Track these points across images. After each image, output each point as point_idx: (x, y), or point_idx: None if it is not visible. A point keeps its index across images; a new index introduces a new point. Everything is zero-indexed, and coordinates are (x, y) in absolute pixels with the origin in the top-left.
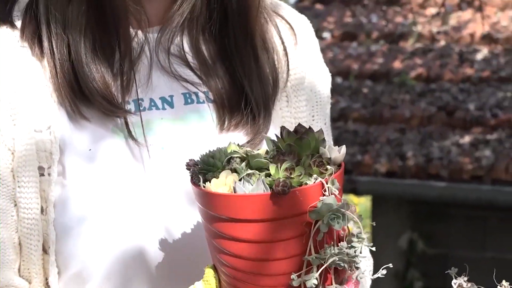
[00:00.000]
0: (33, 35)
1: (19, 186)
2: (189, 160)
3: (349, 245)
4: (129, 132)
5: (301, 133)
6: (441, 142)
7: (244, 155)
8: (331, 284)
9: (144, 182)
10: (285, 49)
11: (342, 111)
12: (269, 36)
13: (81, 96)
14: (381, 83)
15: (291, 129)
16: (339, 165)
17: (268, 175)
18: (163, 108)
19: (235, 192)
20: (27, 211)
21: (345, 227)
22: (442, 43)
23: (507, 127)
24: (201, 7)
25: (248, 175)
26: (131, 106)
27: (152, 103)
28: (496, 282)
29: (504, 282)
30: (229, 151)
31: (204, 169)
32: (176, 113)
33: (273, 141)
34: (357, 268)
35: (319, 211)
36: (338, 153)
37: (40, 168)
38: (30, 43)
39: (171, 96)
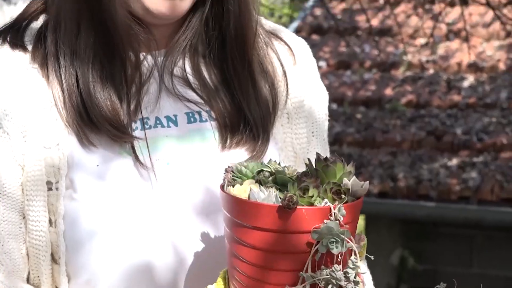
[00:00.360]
0: (43, 61)
1: (27, 200)
2: (228, 166)
3: (343, 270)
4: (136, 157)
5: (330, 161)
6: (430, 165)
7: (273, 170)
8: None
9: (151, 198)
10: (284, 71)
11: (337, 136)
12: (268, 59)
13: (89, 123)
14: (373, 109)
15: (289, 145)
16: (358, 198)
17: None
18: (168, 126)
19: (249, 198)
20: (35, 224)
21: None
22: (431, 71)
23: (492, 151)
24: (202, 34)
25: (267, 187)
26: (137, 125)
27: (158, 121)
28: None
29: None
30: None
31: (236, 176)
32: (180, 131)
33: (307, 164)
34: None
35: (320, 233)
36: (360, 187)
37: (48, 183)
38: (40, 67)
39: (175, 115)
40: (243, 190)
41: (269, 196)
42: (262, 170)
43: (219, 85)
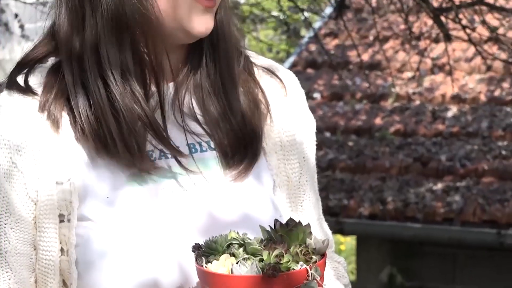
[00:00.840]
0: (55, 100)
1: (39, 231)
2: (195, 243)
3: None
4: (143, 185)
5: (291, 225)
6: (416, 189)
7: (242, 242)
8: None
9: (157, 222)
10: (268, 102)
11: (330, 162)
12: (260, 92)
13: (103, 151)
14: (364, 137)
15: (283, 171)
16: (323, 255)
17: (261, 260)
18: (170, 157)
19: (232, 273)
20: (45, 253)
21: None
22: (417, 102)
23: (474, 176)
24: (202, 73)
25: (244, 259)
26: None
27: (162, 153)
28: None
29: None
30: (229, 237)
31: (207, 252)
32: (183, 161)
33: (267, 231)
34: None
35: None
36: (322, 244)
37: (61, 215)
38: (52, 107)
39: (178, 147)
40: (222, 265)
41: (251, 268)
42: (231, 243)
43: (218, 117)
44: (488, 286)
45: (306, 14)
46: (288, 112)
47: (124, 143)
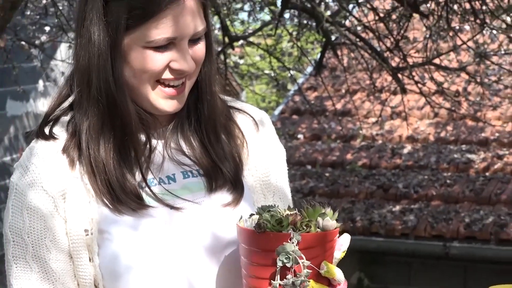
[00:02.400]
0: (74, 147)
1: (72, 243)
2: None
3: (290, 281)
4: (153, 211)
5: (311, 205)
6: (379, 210)
7: (274, 213)
8: None
9: (167, 239)
10: (247, 136)
11: (311, 189)
12: (235, 129)
13: (116, 199)
14: (338, 169)
15: (259, 191)
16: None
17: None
18: (168, 183)
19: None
20: (79, 260)
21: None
22: (380, 141)
23: (425, 200)
24: (188, 117)
25: (259, 218)
26: (145, 184)
27: (160, 180)
28: None
29: None
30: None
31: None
32: (178, 185)
33: (301, 208)
34: None
35: (278, 250)
36: (327, 223)
37: (85, 230)
38: (71, 152)
39: (174, 174)
40: (251, 221)
41: (251, 224)
42: (269, 210)
43: (202, 149)
44: (434, 286)
45: (292, 72)
46: (261, 145)
47: (129, 182)
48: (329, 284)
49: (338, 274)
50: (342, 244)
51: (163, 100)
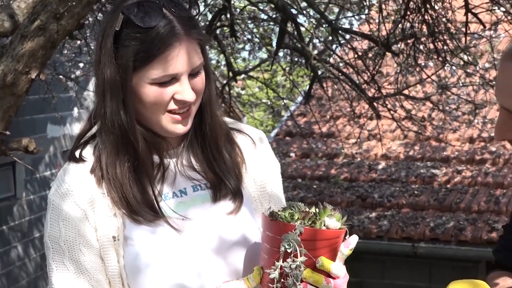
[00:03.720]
0: (99, 168)
1: (102, 248)
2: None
3: (289, 264)
4: (168, 220)
5: (322, 207)
6: (358, 216)
7: (295, 205)
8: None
9: (180, 243)
10: (245, 153)
11: (301, 199)
12: (236, 147)
13: (134, 212)
14: (323, 182)
15: (258, 199)
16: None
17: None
18: (181, 196)
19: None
20: (109, 262)
21: (298, 253)
22: (359, 159)
23: (396, 208)
24: (195, 138)
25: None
26: (161, 198)
27: (173, 194)
28: None
29: None
30: (296, 204)
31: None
32: (189, 198)
33: (316, 207)
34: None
35: (282, 237)
36: (332, 224)
37: (114, 237)
38: (97, 173)
39: (185, 188)
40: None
41: (272, 214)
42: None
43: (207, 165)
44: (405, 281)
45: (285, 101)
46: (258, 159)
47: (139, 210)
48: (329, 276)
49: (335, 269)
50: (350, 243)
51: (172, 125)
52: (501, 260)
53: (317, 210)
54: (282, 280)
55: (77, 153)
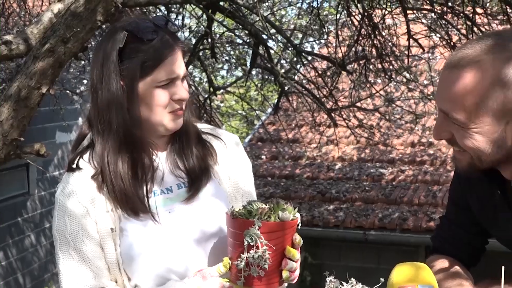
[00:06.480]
0: (98, 173)
1: (102, 239)
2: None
3: (252, 255)
4: (154, 219)
5: (275, 202)
6: (319, 209)
7: (251, 203)
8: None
9: (166, 234)
10: (220, 155)
11: (271, 194)
12: (210, 150)
13: (129, 206)
14: (289, 180)
15: (232, 193)
16: (293, 224)
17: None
18: (167, 193)
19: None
20: (107, 251)
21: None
22: (319, 160)
23: (350, 201)
24: (179, 140)
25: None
26: (151, 195)
27: (161, 191)
28: (347, 278)
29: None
30: (256, 203)
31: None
32: (174, 194)
33: (269, 203)
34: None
35: (244, 232)
36: (285, 215)
37: (112, 229)
38: (99, 181)
39: (171, 186)
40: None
41: (232, 212)
42: (250, 204)
43: (185, 164)
44: (358, 263)
45: (257, 112)
46: (232, 160)
47: (138, 195)
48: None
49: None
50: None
51: (173, 122)
52: (438, 245)
53: (272, 205)
54: (247, 269)
55: (74, 165)
